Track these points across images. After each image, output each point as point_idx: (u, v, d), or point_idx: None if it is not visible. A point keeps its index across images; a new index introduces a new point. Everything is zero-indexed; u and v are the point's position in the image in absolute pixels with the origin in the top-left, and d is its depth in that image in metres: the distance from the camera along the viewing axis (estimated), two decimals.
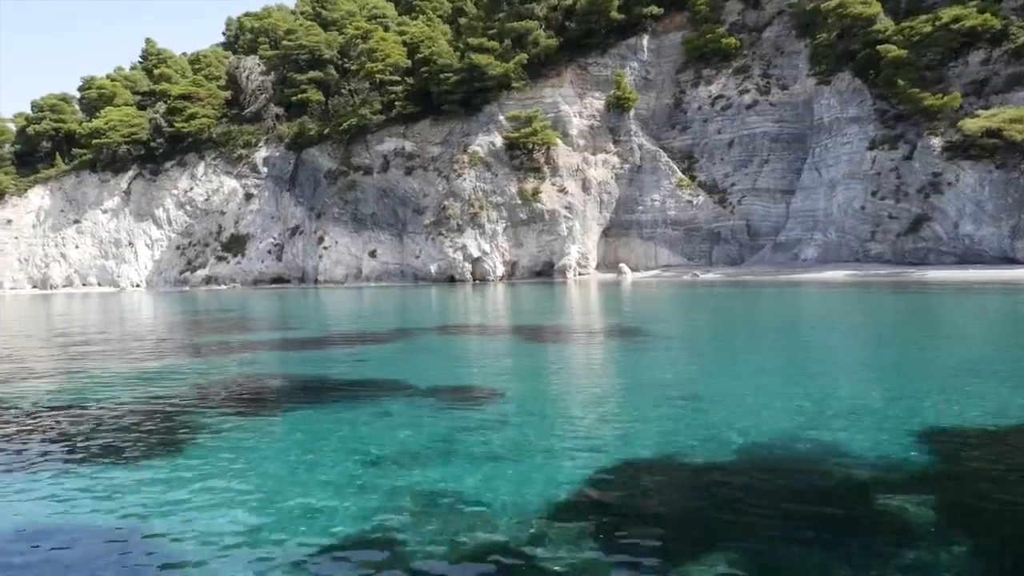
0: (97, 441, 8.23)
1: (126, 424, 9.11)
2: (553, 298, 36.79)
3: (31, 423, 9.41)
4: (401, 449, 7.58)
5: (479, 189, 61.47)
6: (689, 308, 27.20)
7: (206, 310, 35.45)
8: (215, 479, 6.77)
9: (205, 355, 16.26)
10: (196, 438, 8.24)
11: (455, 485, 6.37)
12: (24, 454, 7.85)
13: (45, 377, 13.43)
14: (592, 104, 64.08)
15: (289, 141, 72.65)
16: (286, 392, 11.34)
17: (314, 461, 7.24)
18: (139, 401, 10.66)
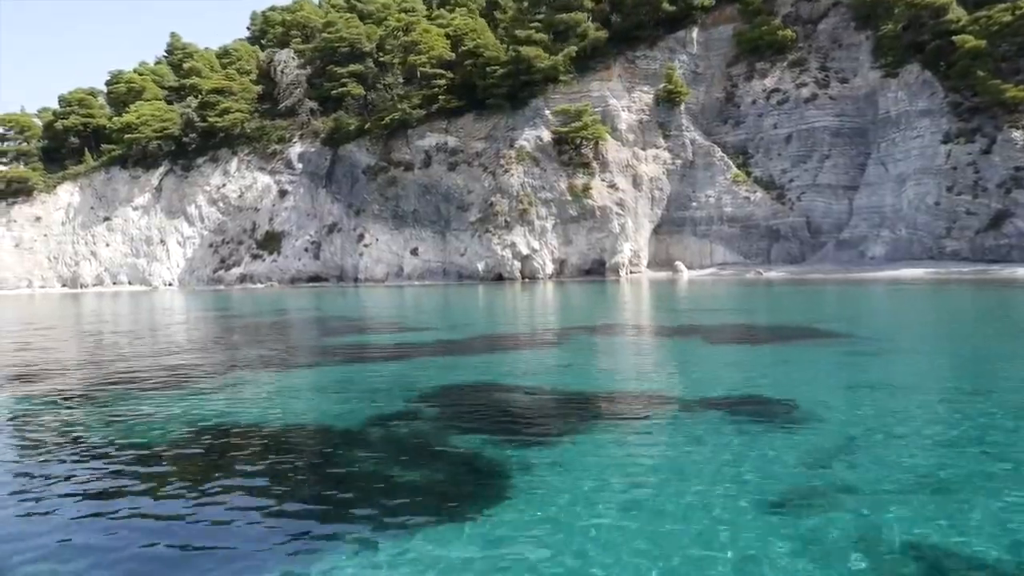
0: (398, 499, 6.14)
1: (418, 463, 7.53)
2: (638, 296, 35.15)
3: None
4: (795, 481, 6.00)
5: (527, 185, 59.86)
6: (818, 306, 25.58)
7: (277, 309, 33.79)
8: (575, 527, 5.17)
9: (380, 361, 14.65)
10: (507, 477, 6.44)
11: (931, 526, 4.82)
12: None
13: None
14: (641, 98, 62.49)
15: (325, 136, 71.01)
16: (556, 411, 9.67)
17: (701, 502, 5.61)
18: (391, 424, 9.06)
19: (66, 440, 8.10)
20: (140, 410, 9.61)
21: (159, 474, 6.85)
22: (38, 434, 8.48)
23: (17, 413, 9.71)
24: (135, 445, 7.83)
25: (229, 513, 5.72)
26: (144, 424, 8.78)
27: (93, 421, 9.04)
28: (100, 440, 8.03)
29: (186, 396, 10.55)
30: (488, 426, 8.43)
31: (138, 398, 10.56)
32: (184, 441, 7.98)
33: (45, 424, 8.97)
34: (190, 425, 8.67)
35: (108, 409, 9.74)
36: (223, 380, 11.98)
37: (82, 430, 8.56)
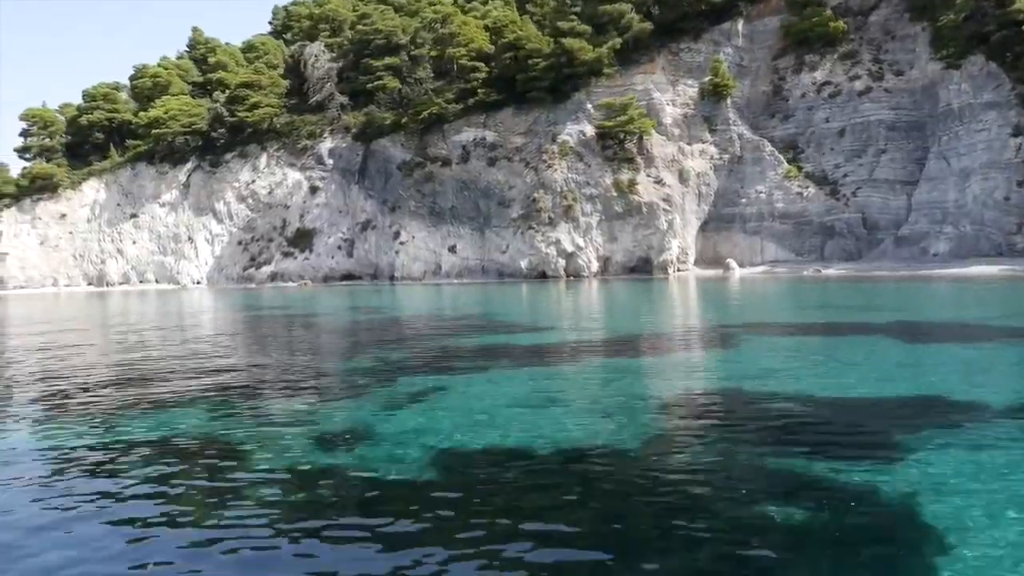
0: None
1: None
2: (718, 294, 33.64)
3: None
4: None
5: (571, 181, 58.38)
6: (957, 303, 24.06)
7: (349, 308, 32.27)
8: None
9: (547, 365, 13.13)
10: (915, 506, 5.11)
11: None
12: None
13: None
14: (685, 92, 61.02)
15: (356, 131, 69.51)
16: (870, 421, 8.17)
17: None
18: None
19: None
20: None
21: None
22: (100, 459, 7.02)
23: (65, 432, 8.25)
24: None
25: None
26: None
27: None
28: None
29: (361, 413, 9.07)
30: (806, 441, 6.97)
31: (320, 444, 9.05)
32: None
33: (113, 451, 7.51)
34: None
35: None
36: (397, 387, 10.48)
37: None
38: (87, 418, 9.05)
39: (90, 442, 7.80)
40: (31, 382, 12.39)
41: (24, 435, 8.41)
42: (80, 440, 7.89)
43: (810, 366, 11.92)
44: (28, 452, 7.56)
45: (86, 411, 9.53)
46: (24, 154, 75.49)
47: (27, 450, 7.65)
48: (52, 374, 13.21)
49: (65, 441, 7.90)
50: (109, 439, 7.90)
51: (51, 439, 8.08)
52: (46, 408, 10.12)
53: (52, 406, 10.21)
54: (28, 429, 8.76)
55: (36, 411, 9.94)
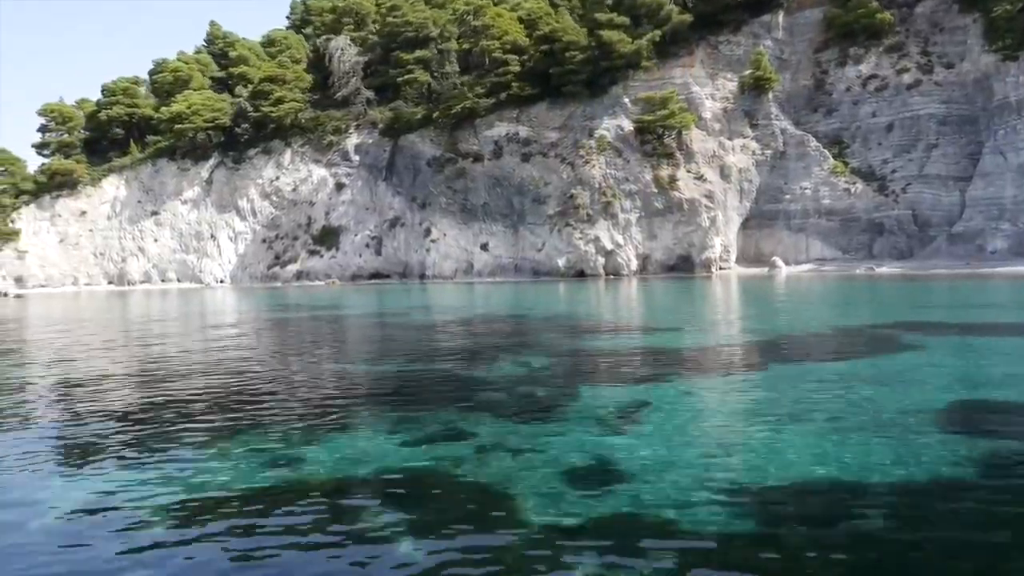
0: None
1: None
2: (799, 293, 32.12)
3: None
4: None
5: (610, 176, 56.89)
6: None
7: (411, 308, 30.73)
8: None
9: (720, 375, 11.63)
10: None
11: None
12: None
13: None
14: (724, 86, 59.55)
15: (384, 127, 67.98)
16: None
17: None
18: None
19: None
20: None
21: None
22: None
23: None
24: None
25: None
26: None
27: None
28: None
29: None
30: None
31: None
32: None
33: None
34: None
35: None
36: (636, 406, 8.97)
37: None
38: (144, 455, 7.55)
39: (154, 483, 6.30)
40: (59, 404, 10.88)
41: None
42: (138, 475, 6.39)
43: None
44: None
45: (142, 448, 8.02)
46: (42, 150, 73.86)
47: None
48: (82, 384, 11.71)
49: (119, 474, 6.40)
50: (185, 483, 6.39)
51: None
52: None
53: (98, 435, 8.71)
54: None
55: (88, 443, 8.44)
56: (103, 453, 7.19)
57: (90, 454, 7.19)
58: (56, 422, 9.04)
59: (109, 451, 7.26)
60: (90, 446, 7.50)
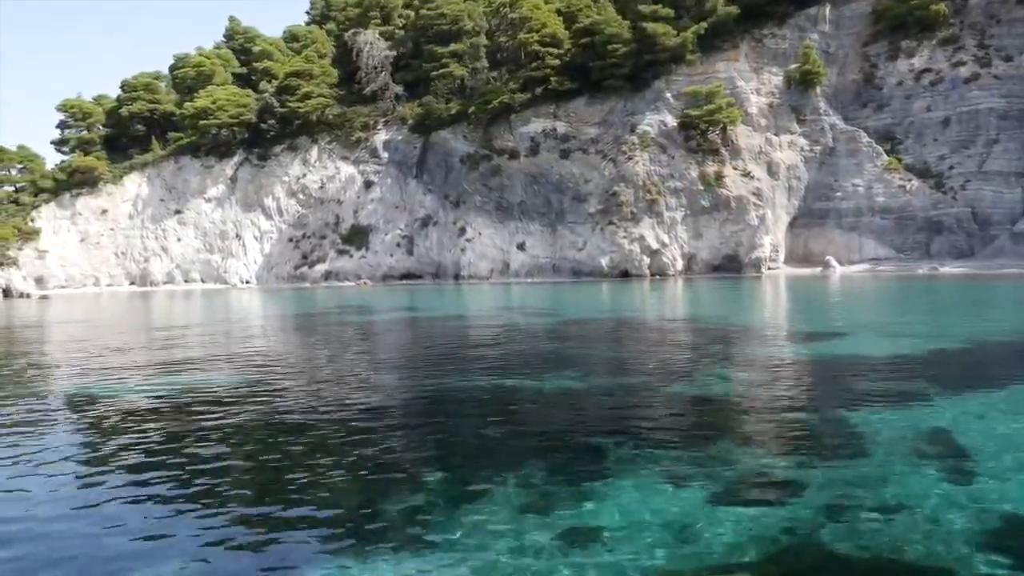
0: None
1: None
2: (881, 294, 30.30)
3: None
4: None
5: (654, 173, 55.07)
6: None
7: (501, 308, 28.84)
8: None
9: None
10: None
11: None
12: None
13: None
14: (770, 80, 57.76)
15: (414, 123, 66.13)
16: None
17: None
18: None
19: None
20: None
21: None
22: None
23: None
24: None
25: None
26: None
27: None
28: None
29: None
30: None
31: None
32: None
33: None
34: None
35: None
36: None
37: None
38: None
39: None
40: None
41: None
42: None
43: None
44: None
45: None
46: (61, 147, 71.97)
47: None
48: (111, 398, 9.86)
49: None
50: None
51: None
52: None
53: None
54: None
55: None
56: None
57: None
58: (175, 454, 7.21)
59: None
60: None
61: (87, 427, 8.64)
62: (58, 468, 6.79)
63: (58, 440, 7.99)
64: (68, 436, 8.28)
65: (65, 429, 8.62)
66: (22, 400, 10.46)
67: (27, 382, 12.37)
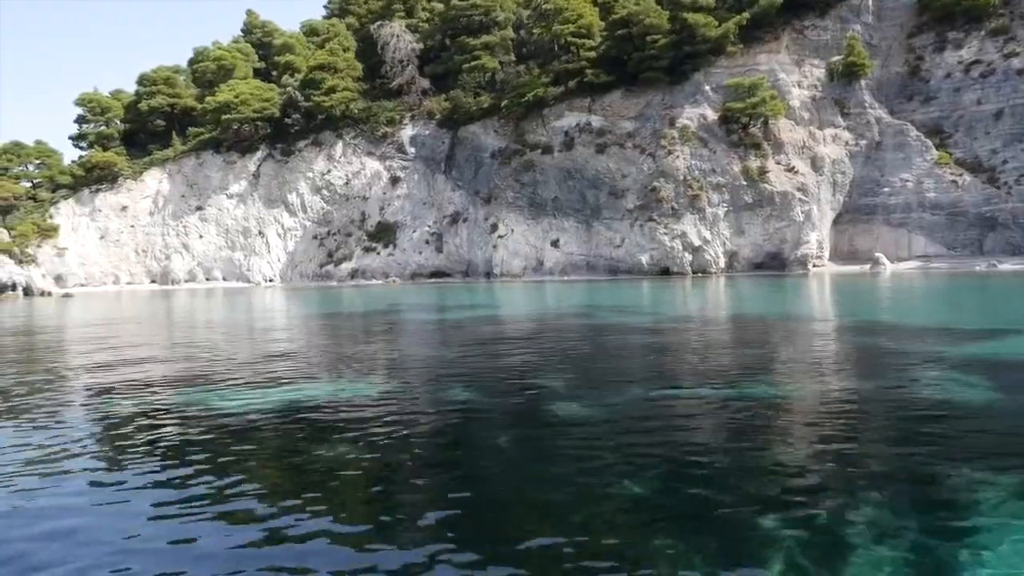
0: None
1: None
2: (960, 292, 28.71)
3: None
4: None
5: (695, 168, 53.51)
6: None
7: (615, 308, 27.21)
8: None
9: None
10: None
11: None
12: None
13: None
14: (812, 72, 56.21)
15: (442, 117, 64.56)
16: None
17: None
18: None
19: None
20: None
21: None
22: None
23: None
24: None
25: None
26: None
27: None
28: None
29: None
30: None
31: None
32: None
33: None
34: None
35: None
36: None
37: None
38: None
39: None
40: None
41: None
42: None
43: None
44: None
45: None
46: (79, 142, 70.38)
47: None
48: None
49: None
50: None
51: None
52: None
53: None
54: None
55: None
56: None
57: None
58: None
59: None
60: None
61: (193, 445, 7.07)
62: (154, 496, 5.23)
63: (159, 463, 6.43)
64: (176, 451, 6.72)
65: (173, 446, 7.06)
66: (95, 419, 8.87)
67: (101, 396, 10.76)
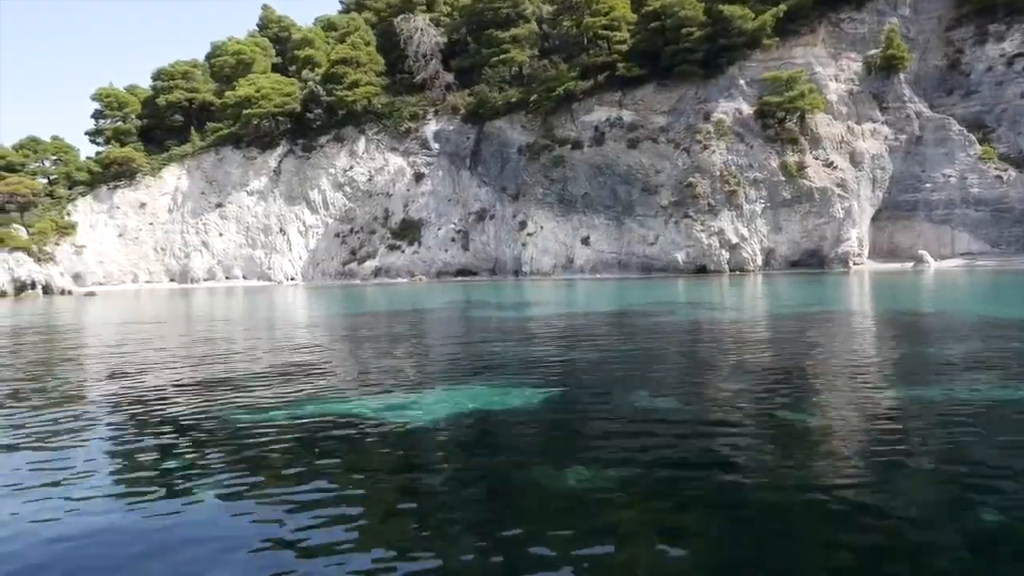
0: None
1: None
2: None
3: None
4: None
5: (731, 163, 52.32)
6: None
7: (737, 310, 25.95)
8: None
9: None
10: None
11: None
12: None
13: None
14: (848, 66, 55.05)
15: (467, 112, 63.34)
16: None
17: None
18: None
19: None
20: None
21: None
22: None
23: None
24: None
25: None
26: None
27: None
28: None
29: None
30: None
31: None
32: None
33: None
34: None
35: None
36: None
37: None
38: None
39: None
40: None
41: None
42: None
43: None
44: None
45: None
46: (95, 138, 69.09)
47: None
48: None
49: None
50: None
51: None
52: None
53: None
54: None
55: None
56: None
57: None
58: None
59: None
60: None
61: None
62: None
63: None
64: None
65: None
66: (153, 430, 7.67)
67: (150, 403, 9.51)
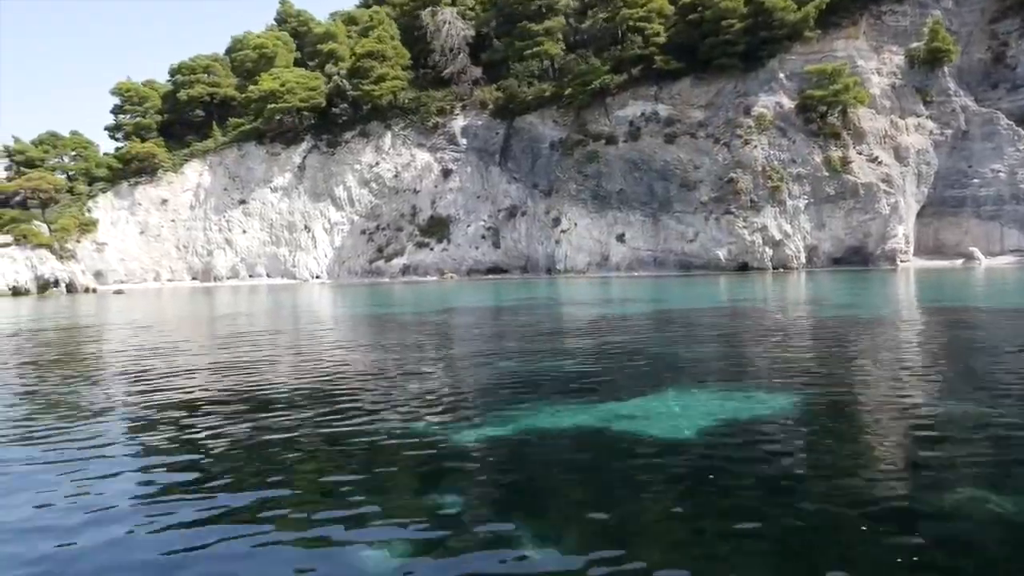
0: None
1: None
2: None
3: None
4: None
5: (774, 158, 51.12)
6: None
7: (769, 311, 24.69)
8: None
9: None
10: None
11: None
12: None
13: None
14: (891, 59, 53.87)
15: (496, 107, 62.06)
16: None
17: None
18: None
19: None
20: None
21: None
22: None
23: None
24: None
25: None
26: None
27: None
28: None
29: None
30: None
31: None
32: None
33: None
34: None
35: None
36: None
37: None
38: None
39: None
40: None
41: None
42: None
43: None
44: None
45: None
46: (115, 133, 67.74)
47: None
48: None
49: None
50: None
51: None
52: None
53: None
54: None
55: None
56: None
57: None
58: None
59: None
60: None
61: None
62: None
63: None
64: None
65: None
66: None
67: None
